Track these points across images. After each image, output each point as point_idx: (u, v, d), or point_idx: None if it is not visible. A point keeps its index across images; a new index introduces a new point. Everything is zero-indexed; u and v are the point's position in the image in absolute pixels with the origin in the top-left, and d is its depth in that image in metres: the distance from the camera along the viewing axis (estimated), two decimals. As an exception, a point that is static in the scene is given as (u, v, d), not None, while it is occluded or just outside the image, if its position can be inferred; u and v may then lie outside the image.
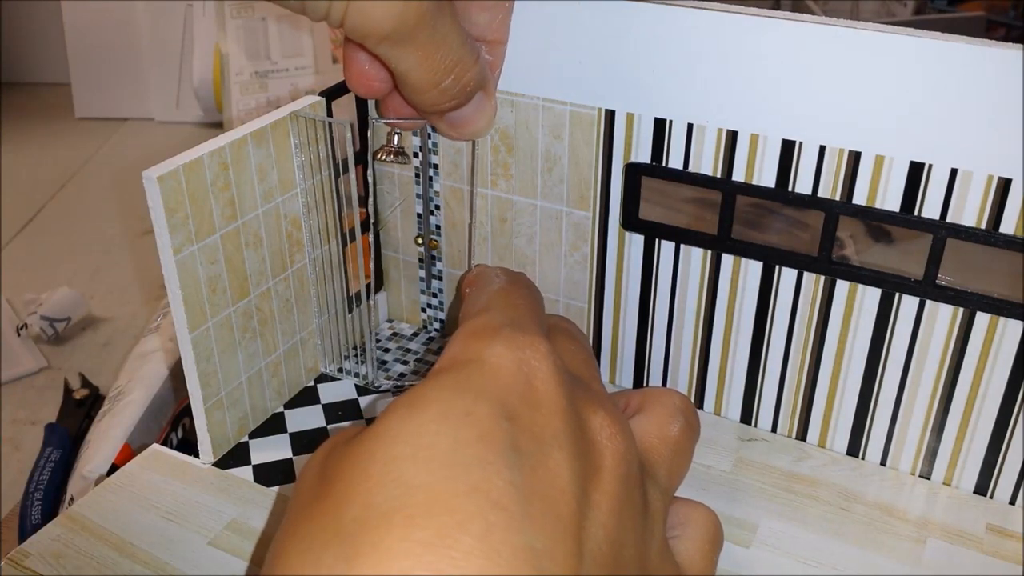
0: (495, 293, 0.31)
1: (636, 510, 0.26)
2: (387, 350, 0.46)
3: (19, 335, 0.80)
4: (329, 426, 0.41)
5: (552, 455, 0.24)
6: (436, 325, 0.48)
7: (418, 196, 0.44)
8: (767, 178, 0.36)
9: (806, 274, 0.37)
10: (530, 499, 0.22)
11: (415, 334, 0.48)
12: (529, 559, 0.21)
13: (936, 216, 0.34)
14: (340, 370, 0.45)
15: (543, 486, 0.23)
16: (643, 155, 0.38)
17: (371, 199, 0.40)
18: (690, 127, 0.36)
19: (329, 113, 0.40)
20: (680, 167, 0.37)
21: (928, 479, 0.38)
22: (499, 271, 0.35)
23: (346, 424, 0.42)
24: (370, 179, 0.41)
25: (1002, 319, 0.34)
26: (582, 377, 0.29)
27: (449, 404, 0.23)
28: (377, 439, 0.23)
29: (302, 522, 0.23)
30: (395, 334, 0.48)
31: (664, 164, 0.38)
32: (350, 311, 0.44)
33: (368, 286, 0.43)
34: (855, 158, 0.34)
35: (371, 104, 0.42)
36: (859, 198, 0.35)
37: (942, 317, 0.35)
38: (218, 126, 1.14)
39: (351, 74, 0.36)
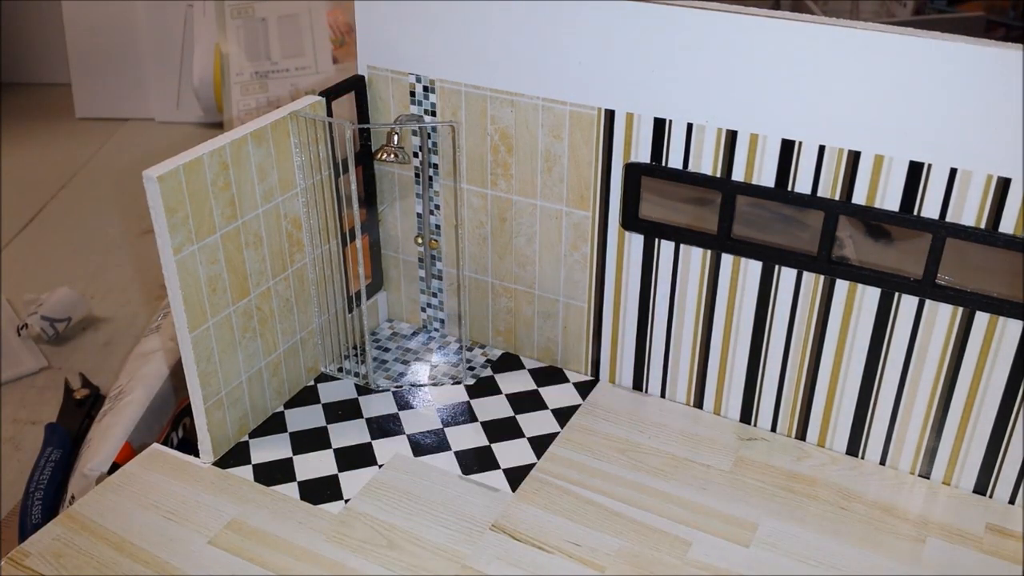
0: None
1: None
2: (387, 350, 0.46)
3: (19, 335, 0.80)
4: (329, 426, 0.41)
5: None
6: (436, 324, 0.48)
7: (418, 196, 0.44)
8: (767, 178, 0.36)
9: (806, 274, 0.37)
10: None
11: (415, 333, 0.48)
12: None
13: (936, 216, 0.34)
14: (340, 370, 0.45)
15: None
16: (643, 155, 0.38)
17: (343, 208, 0.40)
18: (690, 127, 0.36)
19: (329, 113, 0.40)
20: (680, 167, 0.37)
21: (928, 479, 0.38)
22: None
23: (345, 424, 0.42)
24: (345, 189, 0.41)
25: (1002, 319, 0.34)
26: None
27: None
28: None
29: None
30: (395, 334, 0.48)
31: (664, 164, 0.38)
32: (350, 311, 0.44)
33: (358, 293, 0.43)
34: (855, 158, 0.34)
35: (370, 105, 0.42)
36: (859, 198, 0.35)
37: (942, 316, 0.35)
38: (218, 126, 1.14)
39: None
